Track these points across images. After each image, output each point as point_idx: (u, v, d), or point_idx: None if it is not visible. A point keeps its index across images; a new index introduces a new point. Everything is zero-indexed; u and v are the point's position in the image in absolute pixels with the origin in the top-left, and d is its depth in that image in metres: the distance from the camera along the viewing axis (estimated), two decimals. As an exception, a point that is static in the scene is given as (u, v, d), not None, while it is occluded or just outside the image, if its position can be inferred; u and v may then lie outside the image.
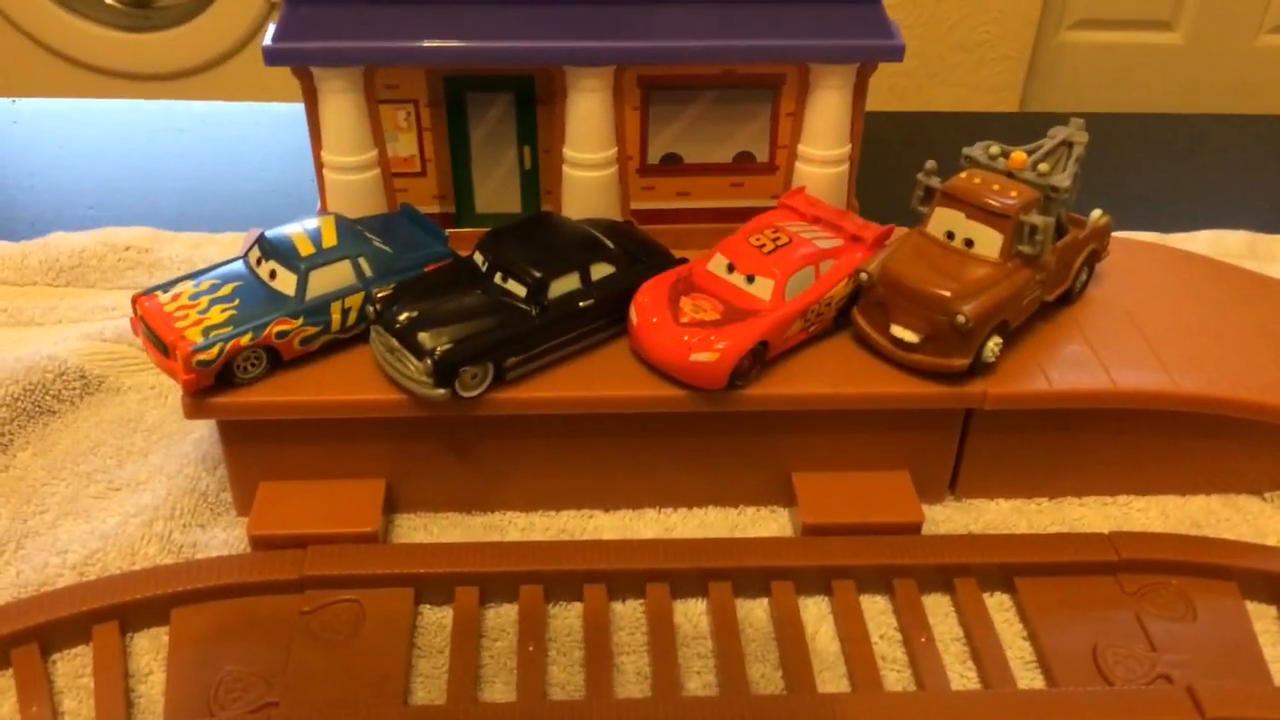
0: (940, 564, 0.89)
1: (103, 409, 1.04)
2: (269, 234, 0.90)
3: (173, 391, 1.04)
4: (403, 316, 0.86)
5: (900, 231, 0.96)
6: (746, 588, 0.88)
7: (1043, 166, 0.93)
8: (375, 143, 0.97)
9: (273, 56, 0.90)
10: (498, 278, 0.89)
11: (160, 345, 0.85)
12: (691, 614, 0.87)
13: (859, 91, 0.98)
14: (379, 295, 0.88)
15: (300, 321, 0.87)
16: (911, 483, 0.95)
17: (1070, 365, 0.93)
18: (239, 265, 0.91)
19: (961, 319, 0.86)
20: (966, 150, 0.96)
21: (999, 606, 0.88)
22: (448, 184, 1.01)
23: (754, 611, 0.87)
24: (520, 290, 0.88)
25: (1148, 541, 0.91)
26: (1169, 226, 1.33)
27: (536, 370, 0.89)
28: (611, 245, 0.92)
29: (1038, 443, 0.96)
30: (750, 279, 0.90)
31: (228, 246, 1.23)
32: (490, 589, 0.87)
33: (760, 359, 0.89)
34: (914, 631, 0.85)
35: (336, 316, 0.89)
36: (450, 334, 0.84)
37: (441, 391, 0.84)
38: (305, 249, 0.89)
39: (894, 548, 0.89)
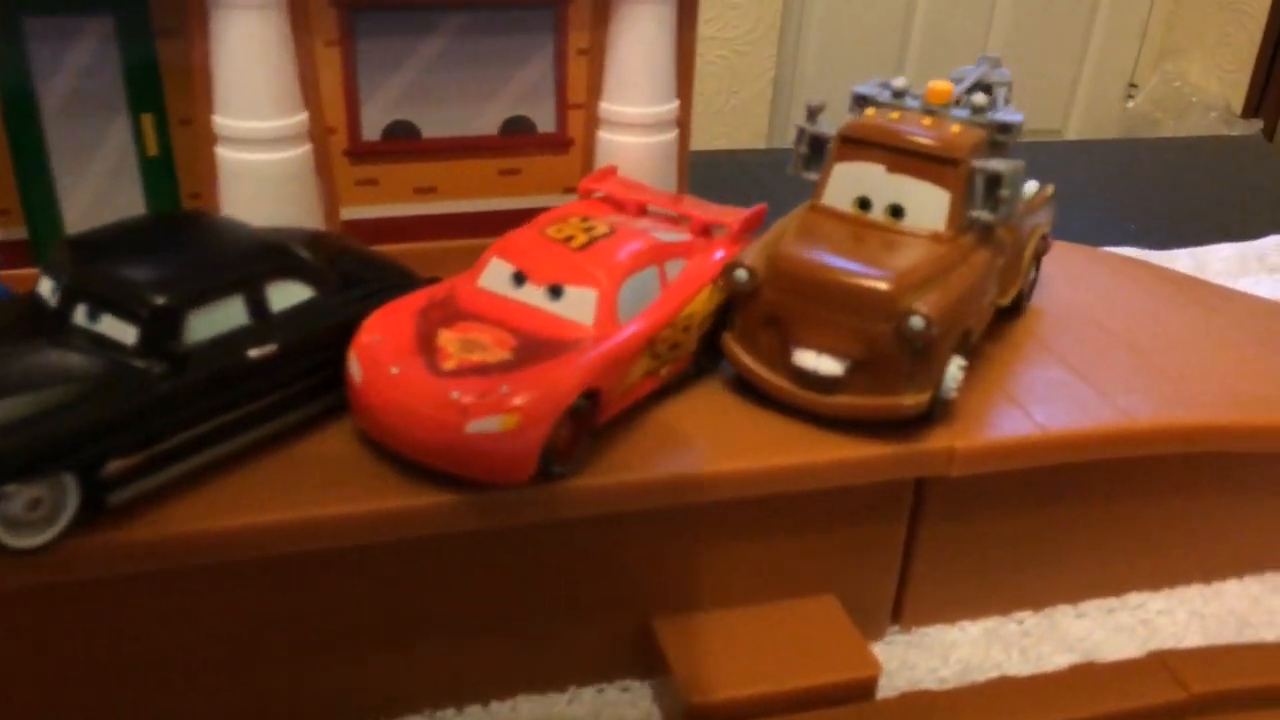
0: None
1: None
2: None
3: None
4: None
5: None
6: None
7: (978, 98, 0.60)
8: None
9: None
10: (80, 315, 0.46)
11: None
12: None
13: (687, 9, 0.63)
14: None
15: None
16: (844, 611, 0.58)
17: (1056, 398, 0.60)
18: None
19: (918, 321, 0.51)
20: (858, 89, 0.62)
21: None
22: (7, 187, 0.58)
23: None
24: (126, 332, 0.46)
25: (1209, 663, 0.58)
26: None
27: (172, 486, 0.47)
28: (306, 256, 0.52)
29: (1012, 528, 0.61)
30: (556, 291, 0.52)
31: None
32: None
33: (589, 424, 0.51)
34: None
35: None
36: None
37: (-41, 542, 0.41)
38: None
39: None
